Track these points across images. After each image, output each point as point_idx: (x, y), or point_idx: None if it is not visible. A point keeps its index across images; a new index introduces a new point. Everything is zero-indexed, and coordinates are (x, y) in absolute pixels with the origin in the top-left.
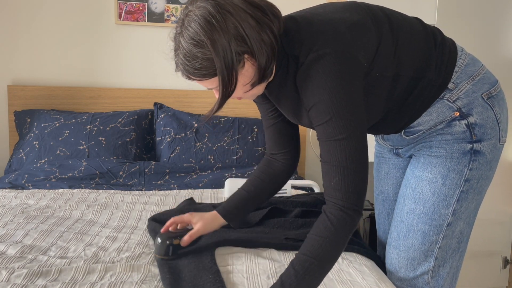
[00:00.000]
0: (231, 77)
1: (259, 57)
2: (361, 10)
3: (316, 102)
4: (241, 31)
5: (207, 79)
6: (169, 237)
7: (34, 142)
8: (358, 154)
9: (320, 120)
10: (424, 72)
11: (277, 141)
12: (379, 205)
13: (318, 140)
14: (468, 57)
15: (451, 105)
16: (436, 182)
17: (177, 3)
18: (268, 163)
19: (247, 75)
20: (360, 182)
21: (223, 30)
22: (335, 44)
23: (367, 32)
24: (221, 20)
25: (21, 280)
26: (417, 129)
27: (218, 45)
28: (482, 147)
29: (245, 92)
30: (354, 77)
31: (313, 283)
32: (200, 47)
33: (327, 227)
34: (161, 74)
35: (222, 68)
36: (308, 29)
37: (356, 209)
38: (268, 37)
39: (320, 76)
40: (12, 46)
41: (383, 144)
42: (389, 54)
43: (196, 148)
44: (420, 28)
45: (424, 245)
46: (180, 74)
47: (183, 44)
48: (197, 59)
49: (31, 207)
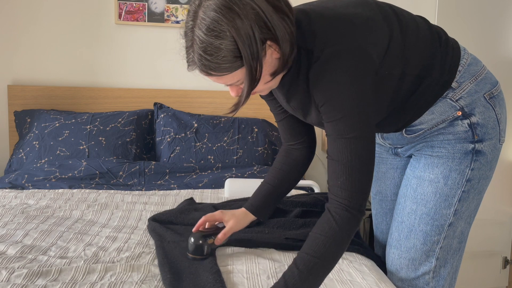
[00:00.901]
0: (257, 67)
1: (283, 43)
2: (372, 6)
3: (330, 98)
4: (262, 15)
5: (229, 73)
6: (203, 237)
7: (34, 142)
8: (367, 154)
9: (332, 117)
10: (429, 71)
11: (291, 132)
12: (376, 205)
13: (326, 136)
14: (470, 56)
15: (454, 104)
16: (438, 182)
17: (177, 3)
18: (287, 153)
19: (269, 64)
20: (366, 182)
21: (246, 16)
22: (351, 40)
23: (379, 29)
24: (241, 5)
25: (21, 280)
26: (418, 128)
27: (242, 33)
28: (484, 147)
29: (265, 83)
30: (368, 75)
31: (316, 283)
32: (222, 38)
33: (331, 226)
34: (161, 74)
35: (249, 58)
36: (320, 23)
37: (361, 209)
38: (287, 23)
39: (336, 72)
40: (12, 46)
41: (381, 143)
42: (397, 52)
43: (196, 148)
44: (425, 27)
45: (425, 245)
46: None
47: (201, 37)
48: (220, 51)
49: (31, 207)
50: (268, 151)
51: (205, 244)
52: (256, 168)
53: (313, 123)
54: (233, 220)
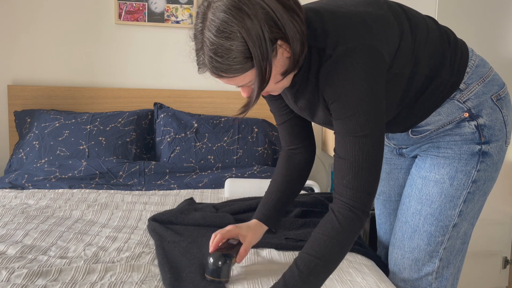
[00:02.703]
0: (267, 68)
1: (293, 42)
2: (382, 5)
3: (341, 95)
4: (272, 15)
5: (240, 74)
6: (225, 257)
7: (34, 142)
8: (375, 154)
9: (342, 114)
10: (438, 71)
11: (293, 136)
12: (380, 205)
13: (335, 134)
14: (478, 58)
15: (461, 105)
16: (444, 183)
17: (177, 3)
18: (288, 159)
19: (279, 63)
20: (373, 182)
21: (255, 16)
22: (364, 38)
23: (391, 28)
24: (250, 5)
25: (21, 280)
26: (425, 129)
27: (252, 33)
28: (490, 148)
29: (275, 83)
30: (380, 73)
31: (317, 284)
32: (232, 39)
33: (334, 226)
34: (161, 74)
35: (259, 59)
36: (333, 21)
37: (366, 211)
38: (297, 22)
39: (348, 69)
40: (12, 46)
41: (386, 143)
42: (408, 51)
43: (196, 148)
44: (435, 27)
45: (429, 246)
46: (209, 73)
47: (211, 39)
48: (230, 52)
49: (31, 207)
50: (268, 151)
51: (228, 266)
52: (256, 168)
53: (320, 123)
54: (251, 233)
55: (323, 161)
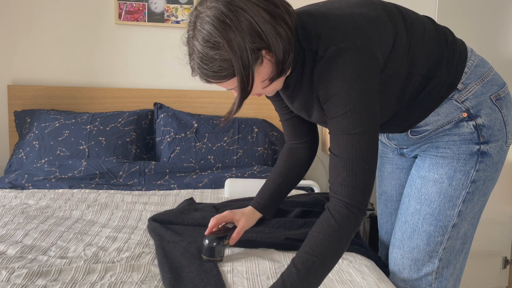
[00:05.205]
0: (249, 76)
1: (276, 51)
2: (377, 6)
3: (334, 94)
4: (255, 26)
5: (226, 80)
6: (217, 238)
7: (34, 142)
8: (369, 151)
9: (336, 112)
10: (435, 71)
11: (295, 132)
12: (381, 205)
13: (329, 133)
14: (477, 58)
15: (460, 105)
16: (442, 182)
17: (177, 3)
18: (290, 151)
19: (265, 71)
20: (368, 180)
21: (238, 28)
22: (355, 38)
23: (385, 29)
24: (234, 18)
25: (21, 280)
26: (424, 129)
27: (234, 44)
28: (489, 148)
29: (263, 88)
30: (373, 73)
31: (315, 282)
32: (216, 49)
33: (330, 224)
34: (161, 74)
35: (240, 68)
36: (325, 23)
37: (361, 208)
38: (283, 29)
39: (340, 68)
40: (12, 46)
41: (387, 144)
42: (403, 52)
43: (196, 148)
44: (432, 27)
45: (428, 246)
46: (198, 78)
47: (198, 47)
48: (214, 61)
49: (31, 207)
50: (268, 151)
51: (221, 246)
52: (256, 168)
53: (318, 123)
54: (244, 218)
55: (323, 161)
